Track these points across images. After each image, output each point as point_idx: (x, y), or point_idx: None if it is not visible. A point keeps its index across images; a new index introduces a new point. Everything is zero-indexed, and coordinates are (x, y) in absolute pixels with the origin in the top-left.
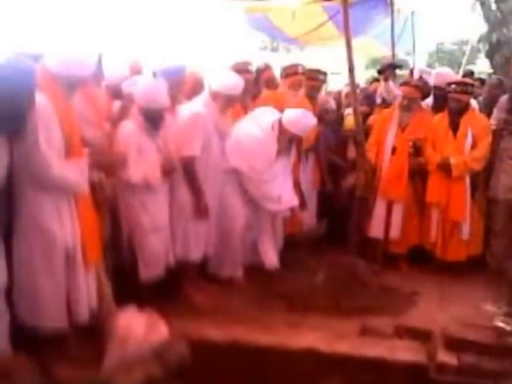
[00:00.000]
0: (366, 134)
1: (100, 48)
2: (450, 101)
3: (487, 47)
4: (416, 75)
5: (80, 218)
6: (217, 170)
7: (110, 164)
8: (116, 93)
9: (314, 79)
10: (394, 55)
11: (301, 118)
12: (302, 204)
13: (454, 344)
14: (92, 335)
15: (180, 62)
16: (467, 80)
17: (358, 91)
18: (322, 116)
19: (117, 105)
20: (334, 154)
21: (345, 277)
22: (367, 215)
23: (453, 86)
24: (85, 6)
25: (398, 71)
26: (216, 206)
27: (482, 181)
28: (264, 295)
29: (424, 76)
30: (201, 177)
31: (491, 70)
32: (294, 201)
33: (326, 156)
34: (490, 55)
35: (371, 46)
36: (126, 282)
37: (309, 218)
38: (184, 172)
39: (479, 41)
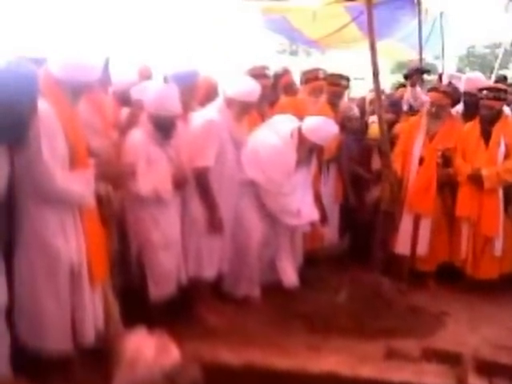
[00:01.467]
0: (392, 144)
1: (107, 51)
2: (481, 108)
3: None
4: (445, 80)
5: (86, 232)
6: (232, 181)
7: (117, 175)
8: (124, 99)
9: (336, 85)
10: (421, 59)
11: (322, 126)
12: (323, 218)
13: (486, 368)
14: (98, 358)
15: (192, 66)
16: (500, 86)
17: (382, 97)
18: (344, 124)
19: (125, 112)
20: (358, 164)
21: (369, 296)
22: (393, 230)
23: (484, 92)
24: (91, 7)
25: (425, 76)
26: (231, 220)
27: None
28: (282, 316)
29: (454, 81)
30: (215, 189)
31: None
32: (315, 215)
33: (349, 167)
34: None
35: (397, 49)
36: (134, 302)
37: (330, 233)
38: (197, 184)
39: None
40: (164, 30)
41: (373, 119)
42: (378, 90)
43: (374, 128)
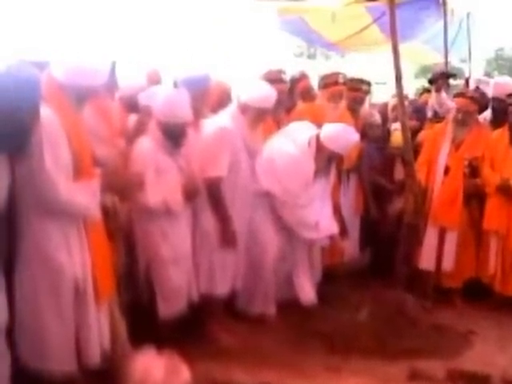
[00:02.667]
0: (416, 152)
1: (114, 55)
2: (510, 114)
3: None
4: (472, 85)
5: (91, 247)
6: (246, 192)
7: (124, 186)
8: (131, 105)
9: (357, 90)
10: (447, 62)
11: (341, 134)
12: (343, 231)
13: None
14: (104, 380)
15: (204, 70)
16: None
17: (406, 103)
18: (365, 131)
19: (132, 119)
20: (379, 174)
21: (391, 314)
22: (417, 244)
23: None
24: (96, 9)
25: (451, 81)
26: (245, 233)
27: None
28: (299, 335)
29: (481, 86)
30: (228, 200)
31: None
32: (334, 228)
33: (370, 177)
34: None
35: (421, 51)
36: (142, 320)
37: (350, 247)
38: (209, 195)
39: None
40: (174, 32)
41: (395, 126)
42: (400, 95)
43: (396, 136)
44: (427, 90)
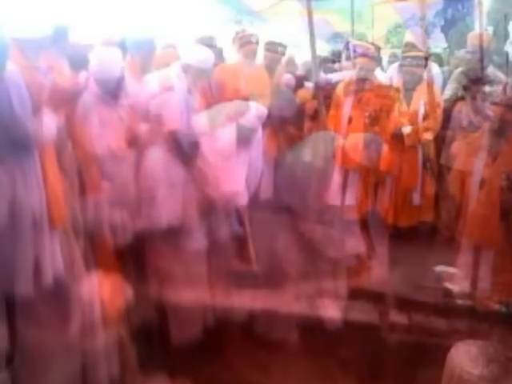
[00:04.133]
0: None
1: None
2: None
3: None
4: (510, 92)
5: (98, 266)
6: (265, 207)
7: (134, 201)
8: (142, 114)
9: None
10: (482, 67)
11: (368, 144)
12: (370, 250)
13: None
14: None
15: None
16: None
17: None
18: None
19: (143, 128)
20: None
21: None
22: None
23: None
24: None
25: (487, 87)
26: (264, 251)
27: None
28: (324, 361)
29: None
30: (245, 216)
31: None
32: (361, 246)
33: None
34: None
35: None
36: (154, 345)
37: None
38: (225, 211)
39: None
40: (186, 35)
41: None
42: (432, 100)
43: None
44: (461, 97)
